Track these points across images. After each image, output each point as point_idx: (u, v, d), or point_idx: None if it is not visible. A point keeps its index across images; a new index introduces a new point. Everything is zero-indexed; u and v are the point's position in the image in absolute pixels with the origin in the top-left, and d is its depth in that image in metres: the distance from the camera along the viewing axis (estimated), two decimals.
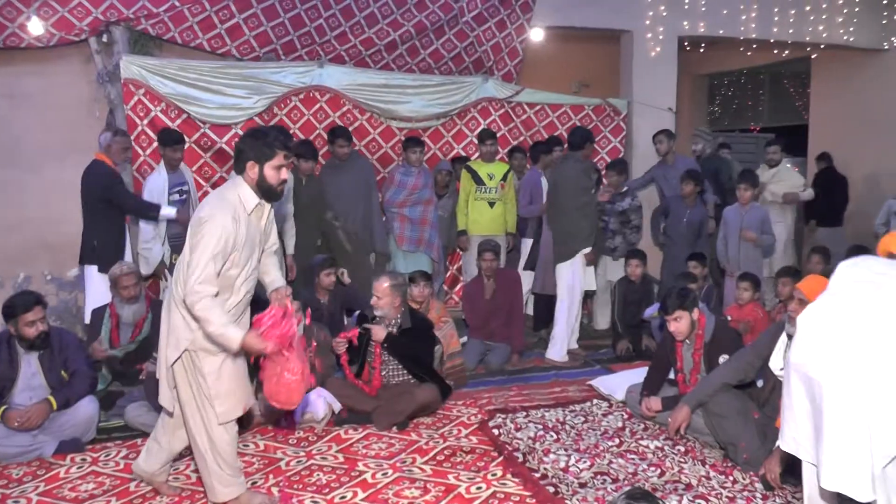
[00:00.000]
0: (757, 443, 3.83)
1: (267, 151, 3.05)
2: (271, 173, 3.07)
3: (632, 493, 1.81)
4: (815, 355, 2.65)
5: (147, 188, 5.59)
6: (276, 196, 3.15)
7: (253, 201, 3.10)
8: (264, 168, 3.06)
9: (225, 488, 3.31)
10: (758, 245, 6.25)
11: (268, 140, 3.08)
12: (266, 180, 3.07)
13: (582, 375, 5.61)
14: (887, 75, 9.68)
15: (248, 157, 3.07)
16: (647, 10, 8.15)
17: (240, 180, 3.10)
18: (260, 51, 6.63)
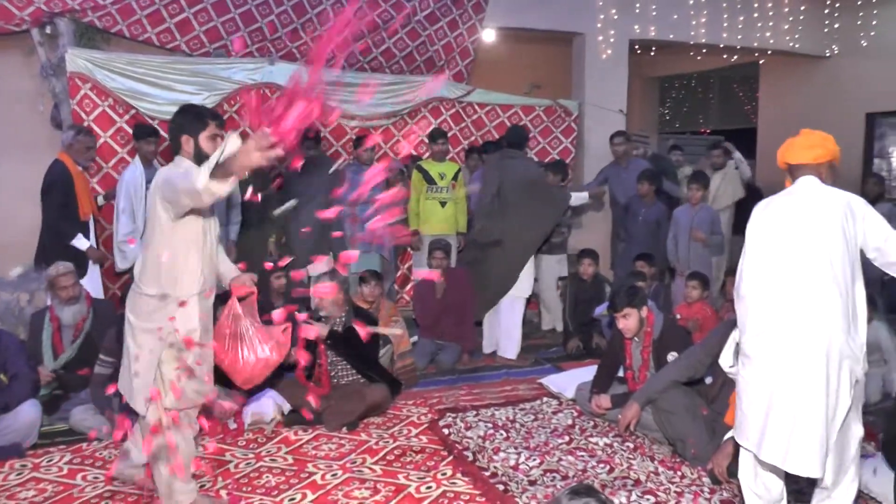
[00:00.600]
0: (705, 438, 3.90)
1: (198, 124, 3.10)
2: (206, 143, 3.09)
3: (575, 488, 1.81)
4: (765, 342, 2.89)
5: (123, 182, 5.42)
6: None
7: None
8: (199, 140, 3.09)
9: (182, 494, 3.27)
10: (707, 245, 6.35)
11: (197, 111, 3.16)
12: (203, 150, 3.09)
13: (532, 374, 5.64)
14: (830, 81, 9.97)
15: (182, 132, 3.11)
16: (599, 14, 8.25)
17: (179, 158, 3.13)
18: (210, 46, 6.53)
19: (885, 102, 9.34)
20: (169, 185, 2.89)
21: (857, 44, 9.51)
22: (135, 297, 3.12)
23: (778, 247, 2.97)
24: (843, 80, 9.82)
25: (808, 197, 2.98)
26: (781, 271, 2.93)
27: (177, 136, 3.12)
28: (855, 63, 9.65)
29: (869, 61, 9.44)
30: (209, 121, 3.11)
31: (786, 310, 2.88)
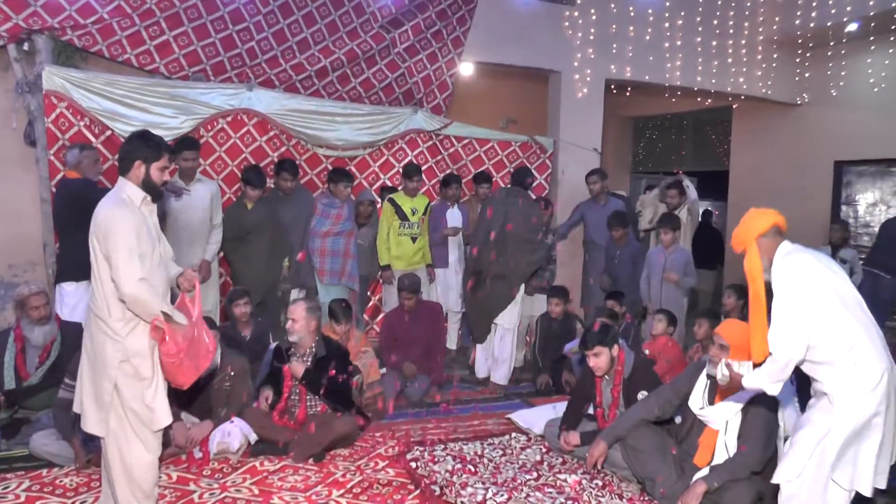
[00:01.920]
0: (674, 477, 3.91)
1: (154, 153, 3.23)
2: (156, 174, 3.26)
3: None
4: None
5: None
6: (159, 194, 3.32)
7: (139, 195, 3.22)
8: (151, 168, 3.23)
9: None
10: (679, 286, 6.41)
11: (155, 141, 3.28)
12: (151, 179, 3.24)
13: (501, 409, 5.63)
14: (800, 128, 10.19)
15: (135, 157, 3.23)
16: (576, 53, 8.36)
17: (123, 181, 3.23)
18: (189, 70, 6.51)
19: (853, 151, 9.54)
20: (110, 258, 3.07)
21: (826, 93, 9.74)
22: (90, 319, 3.19)
23: (837, 301, 3.20)
24: (812, 127, 10.04)
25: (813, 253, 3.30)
26: (853, 322, 3.17)
27: (130, 158, 3.22)
28: (824, 112, 9.88)
29: (837, 110, 9.67)
30: (164, 153, 3.26)
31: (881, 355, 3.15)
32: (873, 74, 9.23)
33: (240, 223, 5.93)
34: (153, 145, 3.24)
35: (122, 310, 3.09)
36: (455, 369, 6.71)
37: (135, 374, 3.12)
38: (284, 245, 6.23)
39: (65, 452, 4.12)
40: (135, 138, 3.30)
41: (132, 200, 3.19)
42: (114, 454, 3.18)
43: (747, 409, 3.77)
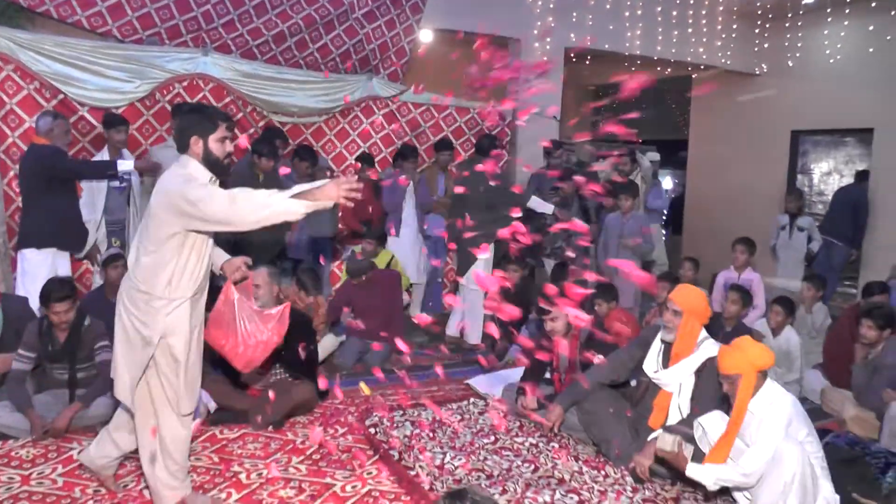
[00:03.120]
0: (629, 439, 4.00)
1: (209, 125, 3.08)
2: (216, 146, 3.09)
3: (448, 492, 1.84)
4: None
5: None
6: (224, 169, 3.16)
7: (206, 175, 3.08)
8: (209, 142, 3.07)
9: (171, 490, 3.24)
10: (636, 252, 6.49)
11: (208, 113, 3.15)
12: (212, 153, 3.08)
13: (459, 375, 5.67)
14: (758, 98, 10.30)
15: (192, 133, 3.08)
16: (536, 21, 8.32)
17: (186, 158, 3.09)
18: (143, 33, 6.37)
19: (809, 121, 9.70)
20: (193, 206, 2.86)
21: (783, 64, 9.85)
22: (131, 292, 3.06)
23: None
24: (770, 97, 10.16)
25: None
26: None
27: (186, 135, 3.08)
28: (782, 82, 10.00)
29: (795, 81, 9.79)
30: (220, 123, 3.10)
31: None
32: (829, 46, 9.36)
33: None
34: (207, 117, 3.10)
35: (167, 287, 3.01)
36: (414, 336, 6.74)
37: (170, 353, 3.06)
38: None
39: (20, 424, 4.06)
40: (186, 112, 3.21)
41: (197, 178, 3.01)
42: (144, 429, 3.18)
43: (700, 371, 3.86)
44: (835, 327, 5.69)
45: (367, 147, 7.31)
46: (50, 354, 4.23)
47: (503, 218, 6.08)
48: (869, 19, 8.83)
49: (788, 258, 7.63)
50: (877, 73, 8.80)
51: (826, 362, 5.51)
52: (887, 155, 8.55)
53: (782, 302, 5.65)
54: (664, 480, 3.79)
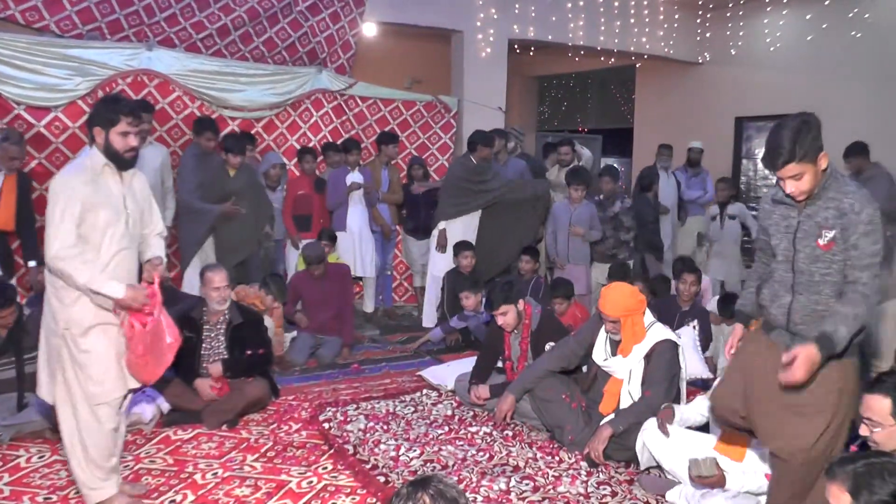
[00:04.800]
0: (581, 425, 4.06)
1: (111, 118, 3.06)
2: (117, 139, 3.06)
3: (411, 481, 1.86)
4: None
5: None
6: (125, 162, 3.12)
7: (100, 161, 3.08)
8: (110, 134, 3.06)
9: (91, 490, 3.18)
10: (585, 240, 6.57)
11: (112, 107, 3.11)
12: (112, 146, 3.07)
13: (412, 366, 5.70)
14: (702, 86, 10.51)
15: (94, 124, 3.09)
16: (478, 12, 8.34)
17: (91, 148, 3.11)
18: (83, 28, 6.22)
19: (752, 107, 9.91)
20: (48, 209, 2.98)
21: (726, 52, 10.04)
22: (47, 283, 3.11)
23: None
24: (713, 85, 10.36)
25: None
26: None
27: (90, 126, 3.10)
28: (724, 70, 10.20)
29: (737, 69, 9.99)
30: (122, 117, 3.06)
31: None
32: (770, 35, 9.57)
33: (223, 189, 5.90)
34: (110, 110, 3.07)
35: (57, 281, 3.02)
36: (366, 329, 6.76)
37: (75, 345, 3.05)
38: (267, 209, 6.34)
39: None
40: (96, 104, 3.19)
41: (92, 167, 3.05)
42: (63, 422, 3.14)
43: (650, 355, 3.94)
44: None
45: (317, 140, 7.27)
46: None
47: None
48: (806, 8, 9.07)
49: (723, 249, 7.52)
50: (815, 60, 9.04)
51: None
52: (827, 139, 8.69)
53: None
54: (618, 463, 3.86)
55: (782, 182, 2.64)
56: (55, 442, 3.96)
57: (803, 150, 2.54)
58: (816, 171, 2.59)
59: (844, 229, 2.57)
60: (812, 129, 2.57)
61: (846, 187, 2.62)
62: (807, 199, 2.65)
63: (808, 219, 2.67)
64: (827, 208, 2.62)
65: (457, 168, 6.75)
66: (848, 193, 2.59)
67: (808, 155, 2.55)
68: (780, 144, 2.58)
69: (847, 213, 2.57)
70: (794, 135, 2.56)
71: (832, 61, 8.85)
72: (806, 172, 2.57)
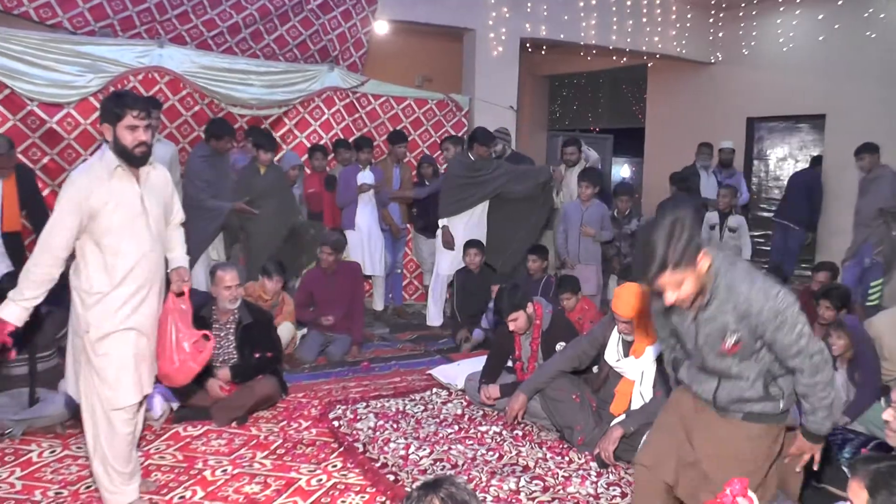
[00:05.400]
0: (592, 425, 4.04)
1: (118, 112, 3.01)
2: (125, 134, 3.01)
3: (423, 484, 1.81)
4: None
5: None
6: (135, 158, 3.06)
7: (112, 163, 3.03)
8: (117, 129, 3.01)
9: (111, 493, 3.16)
10: (596, 240, 6.55)
11: (118, 101, 3.05)
12: (120, 142, 3.01)
13: (422, 365, 5.69)
14: (714, 86, 10.45)
15: (103, 121, 3.06)
16: (491, 11, 8.33)
17: (104, 147, 3.08)
18: (95, 25, 6.24)
19: (764, 108, 9.85)
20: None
21: (738, 52, 9.99)
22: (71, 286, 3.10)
23: None
24: (725, 85, 10.30)
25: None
26: None
27: (101, 123, 3.07)
28: (736, 70, 10.14)
29: (749, 69, 9.93)
30: (128, 111, 3.01)
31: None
32: (782, 34, 9.51)
33: (252, 187, 5.96)
34: (116, 105, 3.02)
35: (90, 280, 2.99)
36: (376, 328, 6.75)
37: (93, 347, 3.02)
38: (294, 207, 6.40)
39: None
40: (102, 101, 3.15)
41: (105, 169, 3.01)
42: (86, 422, 3.13)
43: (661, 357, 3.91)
44: None
45: (328, 137, 7.27)
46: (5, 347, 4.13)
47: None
48: (818, 8, 9.00)
49: None
50: (827, 61, 8.98)
51: None
52: (838, 140, 8.72)
53: None
54: (628, 464, 3.84)
55: (662, 293, 2.39)
56: (66, 437, 4.00)
57: (678, 254, 2.29)
58: (698, 274, 2.35)
59: (752, 329, 2.41)
60: (686, 230, 2.30)
61: (738, 286, 2.40)
62: (697, 304, 2.47)
63: (707, 323, 2.49)
64: (724, 312, 2.44)
65: (454, 166, 6.70)
66: (741, 294, 2.39)
67: (684, 260, 2.30)
68: (650, 252, 2.32)
69: (748, 315, 2.40)
70: (666, 238, 2.30)
71: (845, 62, 8.78)
72: (685, 279, 2.34)
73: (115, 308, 3.02)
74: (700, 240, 2.36)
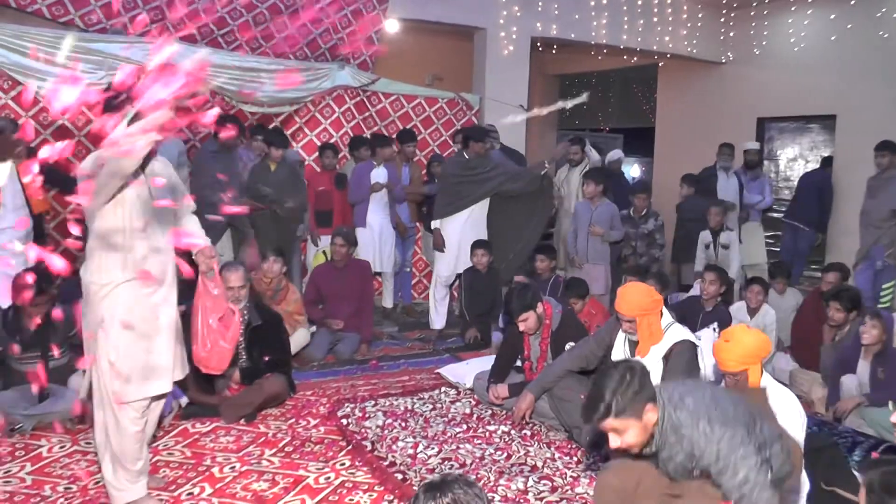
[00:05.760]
0: None
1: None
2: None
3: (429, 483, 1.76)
4: None
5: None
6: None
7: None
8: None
9: (118, 491, 3.17)
10: (605, 240, 6.54)
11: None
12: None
13: (431, 364, 5.69)
14: (725, 86, 10.41)
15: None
16: (501, 10, 8.32)
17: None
18: (107, 23, 6.27)
19: (775, 108, 9.81)
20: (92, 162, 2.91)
21: (749, 52, 9.95)
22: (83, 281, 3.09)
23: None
24: (736, 85, 10.26)
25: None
26: None
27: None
28: (747, 70, 10.10)
29: (760, 69, 9.89)
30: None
31: None
32: (794, 34, 9.47)
33: (264, 184, 6.01)
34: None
35: (100, 272, 3.00)
36: (385, 326, 6.76)
37: (105, 339, 3.02)
38: (304, 203, 6.42)
39: None
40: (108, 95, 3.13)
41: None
42: (96, 418, 3.14)
43: (668, 356, 3.90)
44: (801, 310, 5.79)
45: (339, 136, 7.28)
46: (20, 343, 4.15)
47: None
48: (830, 8, 8.96)
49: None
50: (838, 61, 8.93)
51: (794, 345, 5.60)
52: (849, 141, 8.68)
53: (759, 281, 5.76)
54: None
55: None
56: (76, 433, 4.01)
57: (623, 404, 2.38)
58: (644, 426, 2.42)
59: (706, 467, 2.44)
60: (636, 380, 2.41)
61: (682, 429, 2.43)
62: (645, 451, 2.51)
63: (668, 462, 2.53)
64: (677, 453, 2.47)
65: (450, 166, 6.64)
66: (685, 436, 2.43)
67: (628, 410, 2.38)
68: (598, 396, 2.43)
69: (695, 457, 2.43)
70: (615, 386, 2.40)
71: (857, 61, 8.74)
72: (629, 428, 2.41)
73: (127, 299, 3.02)
74: (652, 391, 2.43)
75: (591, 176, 6.62)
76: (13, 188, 4.98)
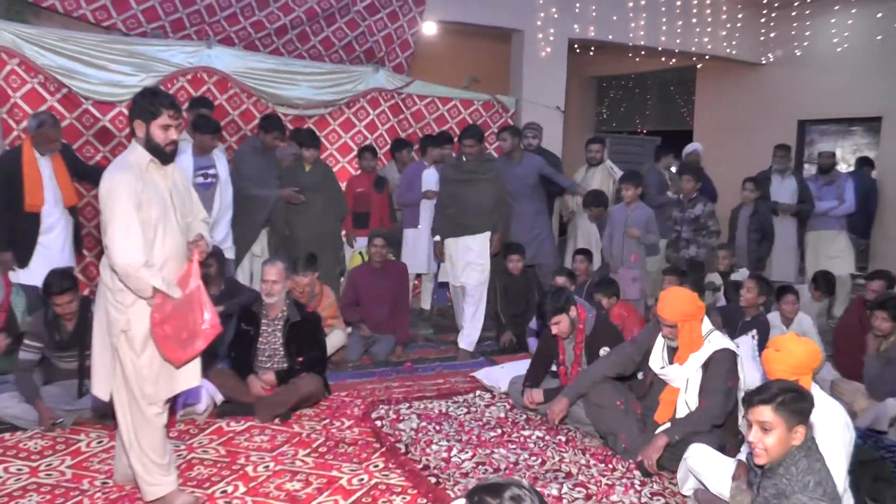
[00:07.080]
0: (636, 432, 3.96)
1: (152, 110, 3.06)
2: (158, 132, 3.07)
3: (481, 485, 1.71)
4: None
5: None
6: (166, 156, 3.13)
7: (145, 158, 3.08)
8: (150, 127, 3.07)
9: (150, 485, 3.21)
10: (641, 243, 6.45)
11: (154, 100, 3.10)
12: (153, 139, 3.07)
13: (466, 367, 5.66)
14: (765, 88, 10.26)
15: (135, 117, 3.10)
16: (539, 12, 8.30)
17: (134, 143, 3.12)
18: (147, 26, 6.37)
19: (815, 110, 9.66)
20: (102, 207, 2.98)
21: (790, 53, 9.81)
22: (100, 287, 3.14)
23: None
24: (776, 87, 10.12)
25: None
26: None
27: (131, 119, 3.12)
28: (788, 71, 9.95)
29: (801, 70, 9.75)
30: (164, 110, 3.07)
31: None
32: (836, 35, 9.31)
33: (298, 184, 6.02)
34: (151, 103, 3.07)
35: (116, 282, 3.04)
36: (420, 328, 6.75)
37: (132, 346, 3.07)
38: (341, 205, 6.38)
39: (28, 415, 4.08)
40: (136, 97, 3.17)
41: (138, 164, 3.05)
42: (121, 419, 3.18)
43: (707, 364, 3.83)
44: (844, 318, 5.66)
45: (373, 138, 7.30)
46: (58, 343, 4.23)
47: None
48: (877, 7, 8.78)
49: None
50: (885, 61, 8.75)
51: (836, 353, 5.48)
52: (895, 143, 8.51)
53: (790, 290, 5.64)
54: (672, 474, 3.77)
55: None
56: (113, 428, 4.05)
57: (787, 405, 2.56)
58: (785, 439, 2.57)
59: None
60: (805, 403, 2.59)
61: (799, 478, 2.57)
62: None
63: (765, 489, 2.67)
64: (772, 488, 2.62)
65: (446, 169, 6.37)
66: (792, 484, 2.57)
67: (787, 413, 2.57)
68: (771, 385, 2.66)
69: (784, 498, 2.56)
70: (788, 387, 2.63)
71: None
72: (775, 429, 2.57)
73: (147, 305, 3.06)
74: (808, 420, 2.59)
75: (628, 179, 6.52)
76: (52, 184, 5.07)
